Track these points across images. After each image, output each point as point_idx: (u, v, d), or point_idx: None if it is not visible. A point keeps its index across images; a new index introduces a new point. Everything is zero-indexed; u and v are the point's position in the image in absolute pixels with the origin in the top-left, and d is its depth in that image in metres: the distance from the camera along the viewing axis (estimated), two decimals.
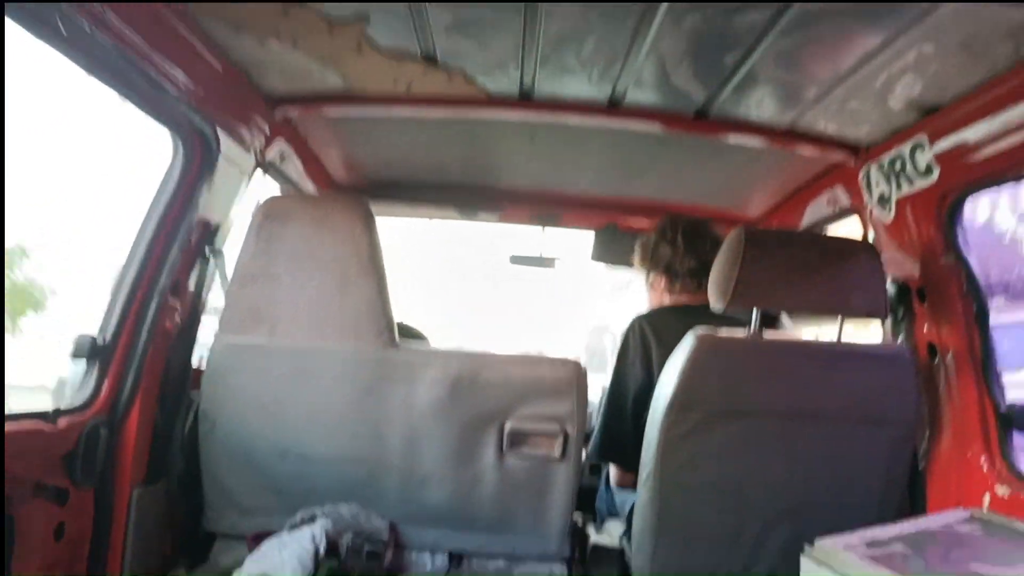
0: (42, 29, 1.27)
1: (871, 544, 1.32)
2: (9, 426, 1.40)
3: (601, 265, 3.09)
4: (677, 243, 2.21)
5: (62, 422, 1.54)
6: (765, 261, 1.68)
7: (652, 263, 2.26)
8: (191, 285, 1.88)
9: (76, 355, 1.66)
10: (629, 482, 1.92)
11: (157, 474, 1.78)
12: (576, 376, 1.81)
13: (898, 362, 1.72)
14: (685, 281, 2.20)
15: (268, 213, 1.80)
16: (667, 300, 2.25)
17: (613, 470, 2.17)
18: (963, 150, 1.61)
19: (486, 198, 2.93)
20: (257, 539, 1.67)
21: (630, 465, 1.82)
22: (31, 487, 1.45)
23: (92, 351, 1.66)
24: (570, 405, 1.79)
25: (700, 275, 2.13)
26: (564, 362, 1.83)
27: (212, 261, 1.91)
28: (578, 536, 1.96)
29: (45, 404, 1.57)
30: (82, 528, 1.62)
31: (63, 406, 1.59)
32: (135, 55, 1.43)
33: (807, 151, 2.04)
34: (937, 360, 1.79)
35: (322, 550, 1.61)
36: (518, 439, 1.78)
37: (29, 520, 1.45)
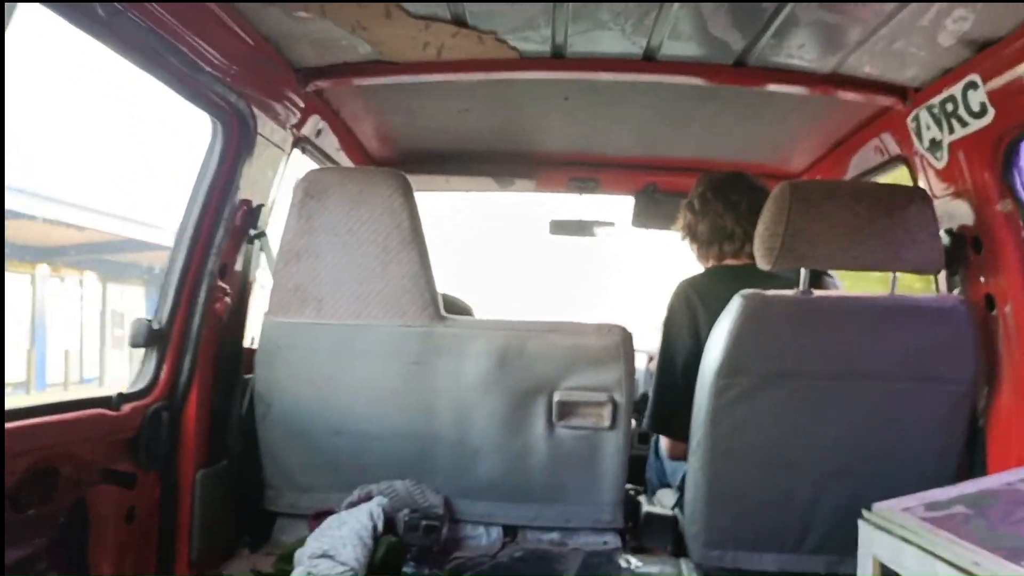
0: (81, 18, 1.28)
1: (930, 506, 1.30)
2: (74, 413, 1.44)
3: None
4: (715, 203, 2.15)
5: (125, 408, 1.59)
6: (812, 217, 1.64)
7: (691, 227, 2.21)
8: (238, 267, 1.91)
9: (135, 342, 1.70)
10: (680, 452, 1.91)
11: (218, 456, 1.83)
12: (622, 342, 1.80)
13: (954, 316, 1.67)
14: (728, 242, 2.13)
15: (307, 190, 1.81)
16: (711, 262, 2.20)
17: (664, 441, 2.16)
18: (1019, 87, 1.53)
19: (522, 165, 2.90)
20: (317, 517, 1.72)
21: (682, 436, 1.81)
22: (99, 472, 1.51)
23: (150, 337, 1.70)
24: (617, 373, 1.79)
25: (743, 235, 2.08)
26: (609, 328, 1.82)
27: (257, 242, 1.93)
28: (631, 506, 1.97)
29: None
30: (150, 510, 1.67)
31: (124, 391, 1.64)
32: (170, 36, 1.44)
33: (852, 97, 1.96)
34: (995, 313, 1.73)
35: (380, 526, 1.65)
36: (567, 409, 1.79)
37: (101, 503, 1.51)
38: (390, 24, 1.71)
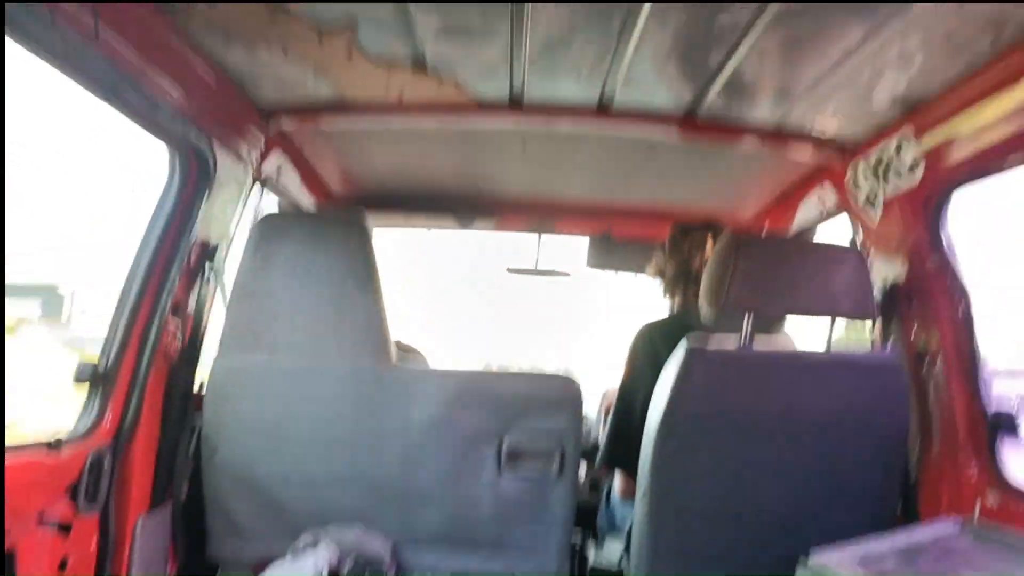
0: (38, 45, 1.25)
1: (864, 560, 1.34)
2: (10, 459, 1.39)
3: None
4: (683, 244, 2.23)
5: (66, 451, 1.54)
6: (756, 266, 1.69)
7: (660, 267, 2.29)
8: (191, 305, 1.88)
9: (78, 380, 1.66)
10: (633, 491, 1.94)
11: (162, 501, 1.79)
12: (571, 391, 1.82)
13: (888, 369, 1.74)
14: (694, 284, 2.20)
15: (264, 232, 1.80)
16: (678, 305, 2.27)
17: (619, 479, 2.18)
18: (947, 145, 1.61)
19: (482, 206, 2.93)
20: (260, 567, 1.69)
21: (635, 474, 1.83)
22: (34, 519, 1.45)
23: (95, 377, 1.66)
24: (566, 421, 1.81)
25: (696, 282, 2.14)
26: (559, 378, 1.84)
27: (212, 280, 1.91)
28: (577, 557, 1.97)
29: None
30: (86, 557, 1.61)
31: (64, 435, 1.59)
32: (129, 69, 1.42)
33: (794, 151, 2.05)
34: (926, 365, 1.80)
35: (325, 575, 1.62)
36: (515, 457, 1.80)
37: (31, 553, 1.44)
38: (351, 66, 1.73)
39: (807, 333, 1.93)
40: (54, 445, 1.52)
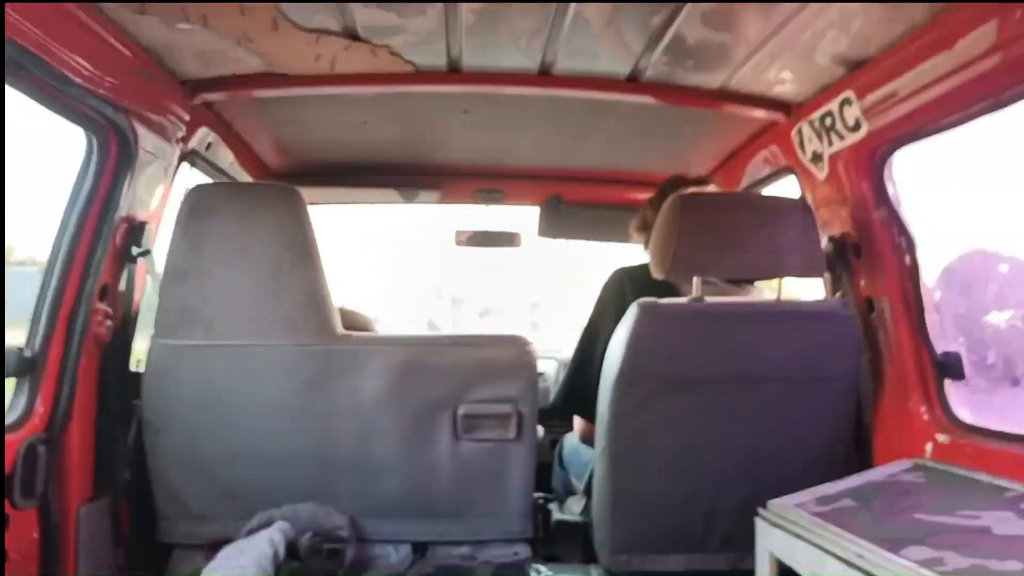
0: None
1: (820, 500, 1.36)
2: None
3: None
4: (661, 202, 2.20)
5: None
6: (701, 227, 1.70)
7: (646, 218, 2.20)
8: (122, 287, 1.80)
9: (6, 374, 1.57)
10: (592, 434, 1.92)
11: (104, 489, 1.72)
12: (524, 353, 1.80)
13: (836, 318, 1.76)
14: None
15: (193, 207, 1.73)
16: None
17: (577, 423, 2.17)
18: (889, 104, 1.63)
19: (425, 176, 2.88)
20: (214, 547, 1.62)
21: (594, 416, 1.83)
22: None
23: (20, 366, 1.58)
24: (521, 383, 1.78)
25: None
26: (511, 340, 1.82)
27: (142, 261, 1.83)
28: (541, 515, 1.97)
29: None
30: (27, 550, 1.55)
31: None
32: (34, 48, 1.33)
33: (740, 111, 2.06)
34: (875, 314, 1.83)
35: (281, 553, 1.58)
36: (472, 423, 1.77)
37: None
38: (278, 36, 1.67)
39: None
40: None
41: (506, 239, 3.06)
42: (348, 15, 1.59)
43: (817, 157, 1.94)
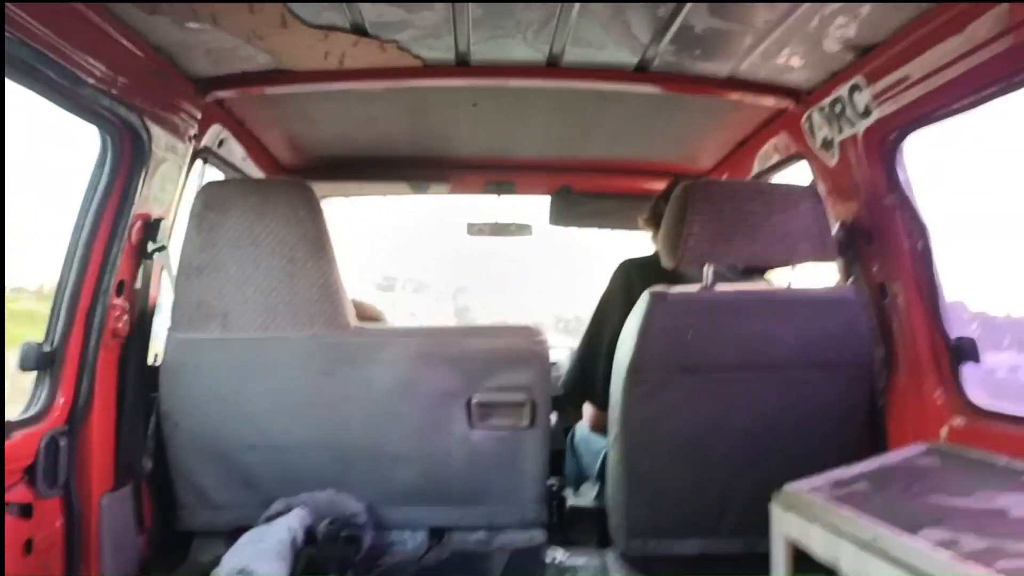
0: None
1: (836, 485, 1.36)
2: None
3: None
4: (667, 197, 2.20)
5: (17, 436, 1.50)
6: (712, 215, 1.70)
7: (657, 211, 2.21)
8: (137, 284, 1.82)
9: (23, 366, 1.61)
10: (601, 423, 1.94)
11: (125, 478, 1.76)
12: (537, 343, 1.81)
13: (847, 305, 1.77)
14: None
15: (207, 203, 1.75)
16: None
17: (587, 411, 2.19)
18: (899, 89, 1.63)
19: (436, 169, 2.89)
20: (234, 535, 1.66)
21: (601, 404, 1.84)
22: None
23: (40, 360, 1.61)
24: (534, 372, 1.80)
25: None
26: (524, 330, 1.83)
27: (158, 256, 1.86)
28: (556, 501, 1.98)
29: None
30: (52, 538, 1.59)
31: (15, 418, 1.55)
32: (47, 50, 1.35)
33: (749, 100, 2.05)
34: (888, 299, 1.83)
35: (300, 540, 1.60)
36: (485, 411, 1.79)
37: None
38: (287, 33, 1.68)
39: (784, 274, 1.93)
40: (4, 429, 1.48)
41: (519, 229, 3.08)
42: (356, 11, 1.60)
43: (827, 144, 1.94)
